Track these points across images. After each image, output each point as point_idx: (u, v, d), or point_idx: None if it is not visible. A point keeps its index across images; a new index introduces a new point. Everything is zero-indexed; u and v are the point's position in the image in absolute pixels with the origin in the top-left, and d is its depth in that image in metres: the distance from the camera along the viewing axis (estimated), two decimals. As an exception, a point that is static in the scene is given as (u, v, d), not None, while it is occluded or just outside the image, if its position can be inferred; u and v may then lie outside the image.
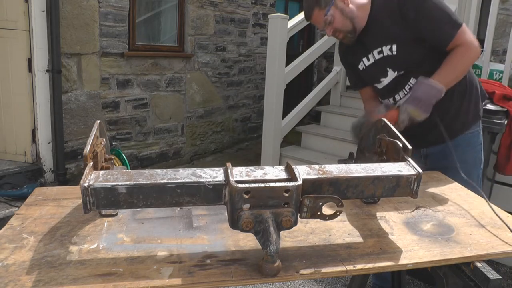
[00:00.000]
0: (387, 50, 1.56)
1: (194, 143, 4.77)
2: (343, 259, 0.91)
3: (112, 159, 1.07)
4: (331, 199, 0.87)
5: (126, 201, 0.82)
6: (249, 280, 0.83)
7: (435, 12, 1.47)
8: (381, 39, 1.57)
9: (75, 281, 0.80)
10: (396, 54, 1.55)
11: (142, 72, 4.03)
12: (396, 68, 1.59)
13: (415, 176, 0.93)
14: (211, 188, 0.83)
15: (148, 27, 4.22)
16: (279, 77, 3.29)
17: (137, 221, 1.05)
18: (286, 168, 0.91)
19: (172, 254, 0.90)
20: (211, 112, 4.90)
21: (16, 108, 3.36)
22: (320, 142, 3.77)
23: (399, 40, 1.53)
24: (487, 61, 3.06)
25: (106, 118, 3.81)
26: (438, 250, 0.97)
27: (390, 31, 1.54)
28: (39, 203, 1.13)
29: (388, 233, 1.04)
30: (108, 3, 3.62)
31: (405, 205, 1.21)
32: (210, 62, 4.75)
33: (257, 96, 5.57)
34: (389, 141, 1.07)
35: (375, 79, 1.67)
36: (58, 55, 3.26)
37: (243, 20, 5.12)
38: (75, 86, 3.52)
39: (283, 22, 3.22)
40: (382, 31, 1.56)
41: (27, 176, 3.35)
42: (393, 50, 1.55)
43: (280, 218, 0.84)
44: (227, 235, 0.98)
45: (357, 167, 0.94)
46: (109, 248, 0.92)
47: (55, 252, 0.89)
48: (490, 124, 2.19)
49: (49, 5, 3.16)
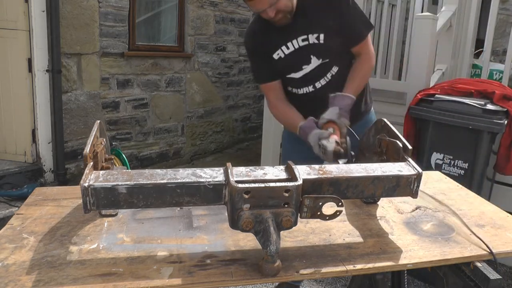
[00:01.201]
0: (314, 38, 1.56)
1: (194, 143, 4.77)
2: (343, 259, 0.91)
3: (112, 159, 1.07)
4: (331, 199, 0.87)
5: (126, 201, 0.82)
6: (249, 280, 0.83)
7: (358, 9, 1.60)
8: (309, 26, 1.56)
9: (75, 281, 0.80)
10: (323, 42, 1.56)
11: (142, 72, 4.03)
12: (320, 56, 1.59)
13: (415, 176, 0.93)
14: (211, 188, 0.84)
15: (148, 27, 4.22)
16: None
17: (137, 221, 1.05)
18: (286, 168, 0.91)
19: (172, 254, 0.90)
20: (211, 112, 4.90)
21: (16, 108, 3.35)
22: (320, 142, 3.76)
23: (327, 29, 1.55)
24: (487, 61, 3.06)
25: (106, 118, 3.81)
26: (438, 250, 0.97)
27: (319, 19, 1.54)
28: (39, 203, 1.13)
29: (388, 233, 1.04)
30: (108, 3, 3.62)
31: (405, 205, 1.21)
32: (210, 62, 4.75)
33: (257, 96, 5.56)
34: (389, 141, 1.07)
35: (295, 68, 1.63)
36: (58, 55, 3.26)
37: (243, 20, 5.12)
38: (75, 86, 3.52)
39: (283, 22, 3.21)
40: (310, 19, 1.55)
41: (27, 176, 3.35)
42: (320, 38, 1.56)
43: (280, 218, 0.84)
44: (227, 235, 0.98)
45: (357, 167, 0.95)
46: (109, 248, 0.92)
47: (55, 252, 0.89)
48: (490, 124, 2.19)
49: (49, 5, 3.16)
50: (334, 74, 1.64)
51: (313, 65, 1.61)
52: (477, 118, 2.23)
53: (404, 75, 3.63)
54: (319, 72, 1.62)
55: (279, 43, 1.61)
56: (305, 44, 1.58)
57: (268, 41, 1.63)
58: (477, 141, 2.26)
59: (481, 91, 2.40)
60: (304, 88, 1.67)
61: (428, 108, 2.41)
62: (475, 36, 3.48)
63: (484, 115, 2.23)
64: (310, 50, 1.59)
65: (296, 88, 1.69)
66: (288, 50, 1.61)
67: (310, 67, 1.62)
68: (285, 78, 1.68)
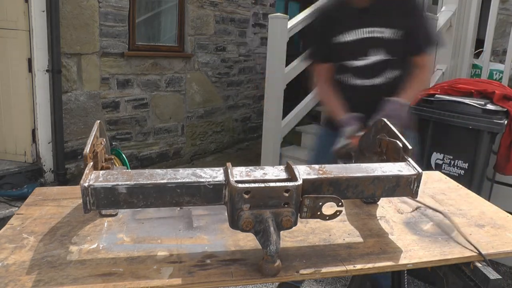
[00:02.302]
0: (380, 33, 1.59)
1: (194, 143, 4.77)
2: (343, 259, 0.91)
3: (112, 159, 1.07)
4: (331, 199, 0.87)
5: (126, 201, 0.82)
6: (249, 280, 0.83)
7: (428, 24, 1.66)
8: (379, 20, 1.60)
9: (75, 281, 0.79)
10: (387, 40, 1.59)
11: (142, 72, 4.03)
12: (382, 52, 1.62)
13: (415, 176, 0.93)
14: (211, 188, 0.83)
15: (148, 27, 4.22)
16: (279, 77, 3.29)
17: (137, 221, 1.05)
18: (286, 168, 0.91)
19: (172, 254, 0.90)
20: (211, 112, 4.90)
21: (16, 108, 3.35)
22: (320, 142, 3.77)
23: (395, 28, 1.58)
24: (487, 61, 3.06)
25: (106, 118, 3.81)
26: (438, 250, 0.97)
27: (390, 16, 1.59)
28: (39, 203, 1.13)
29: (388, 233, 1.04)
30: (108, 3, 3.62)
31: (405, 205, 1.21)
32: (210, 62, 4.75)
33: (257, 96, 5.56)
34: (389, 141, 1.07)
35: (353, 56, 1.66)
36: (58, 55, 3.26)
37: (243, 20, 5.12)
38: (75, 86, 3.52)
39: (283, 22, 3.22)
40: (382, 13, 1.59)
41: (27, 176, 3.35)
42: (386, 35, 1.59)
43: (280, 218, 0.84)
44: (227, 235, 0.98)
45: (357, 167, 0.95)
46: (109, 248, 0.92)
47: (55, 252, 0.89)
48: (490, 124, 2.19)
49: (49, 5, 3.16)
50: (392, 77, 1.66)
51: (370, 60, 1.63)
52: (477, 118, 2.23)
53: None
54: (378, 68, 1.64)
55: (347, 27, 1.64)
56: (369, 36, 1.61)
57: (338, 22, 1.67)
58: (477, 141, 2.26)
59: (481, 91, 2.40)
60: (358, 80, 1.68)
61: (428, 108, 2.42)
62: (475, 36, 3.48)
63: (484, 115, 2.23)
64: (372, 44, 1.61)
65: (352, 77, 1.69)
66: (353, 36, 1.63)
67: (366, 61, 1.64)
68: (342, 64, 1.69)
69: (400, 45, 1.61)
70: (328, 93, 1.74)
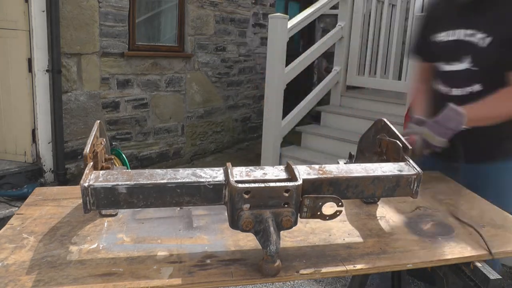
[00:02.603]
0: (479, 39, 1.37)
1: (194, 143, 4.77)
2: (343, 259, 0.91)
3: (112, 159, 1.07)
4: (331, 199, 0.87)
5: (126, 201, 0.82)
6: (249, 280, 0.83)
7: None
8: (484, 25, 1.37)
9: (75, 281, 0.80)
10: (485, 47, 1.36)
11: (142, 72, 4.03)
12: (474, 61, 1.40)
13: (415, 176, 0.93)
14: (211, 188, 0.83)
15: (148, 27, 4.22)
16: (279, 77, 3.29)
17: (137, 221, 1.05)
18: (286, 168, 0.91)
19: (172, 254, 0.90)
20: (211, 112, 4.90)
21: (16, 108, 3.35)
22: (320, 142, 3.77)
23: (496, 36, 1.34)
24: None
25: (106, 118, 3.81)
26: (438, 250, 0.97)
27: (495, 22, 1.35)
28: (39, 203, 1.13)
29: (388, 233, 1.04)
30: (108, 3, 3.62)
31: (405, 205, 1.21)
32: (210, 62, 4.75)
33: (257, 96, 5.56)
34: (389, 141, 1.07)
35: (446, 58, 1.48)
36: (58, 55, 3.26)
37: (243, 20, 5.12)
38: (75, 86, 3.52)
39: (283, 22, 3.22)
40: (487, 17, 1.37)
41: (27, 176, 3.35)
42: (485, 42, 1.36)
43: (280, 218, 0.84)
44: (227, 235, 0.98)
45: (357, 167, 0.95)
46: (109, 248, 0.92)
47: (55, 252, 0.89)
48: (490, 124, 2.18)
49: (49, 5, 3.16)
50: (474, 92, 1.42)
51: (460, 66, 1.43)
52: None
53: (404, 75, 3.64)
54: (461, 79, 1.44)
55: (449, 27, 1.47)
56: (466, 40, 1.40)
57: (443, 19, 1.51)
58: (477, 141, 2.25)
59: (481, 91, 2.39)
60: (441, 85, 1.52)
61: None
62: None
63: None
64: (467, 49, 1.40)
65: (438, 83, 1.54)
66: (449, 37, 1.46)
67: (457, 67, 1.44)
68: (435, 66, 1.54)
69: (496, 56, 1.35)
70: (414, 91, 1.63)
